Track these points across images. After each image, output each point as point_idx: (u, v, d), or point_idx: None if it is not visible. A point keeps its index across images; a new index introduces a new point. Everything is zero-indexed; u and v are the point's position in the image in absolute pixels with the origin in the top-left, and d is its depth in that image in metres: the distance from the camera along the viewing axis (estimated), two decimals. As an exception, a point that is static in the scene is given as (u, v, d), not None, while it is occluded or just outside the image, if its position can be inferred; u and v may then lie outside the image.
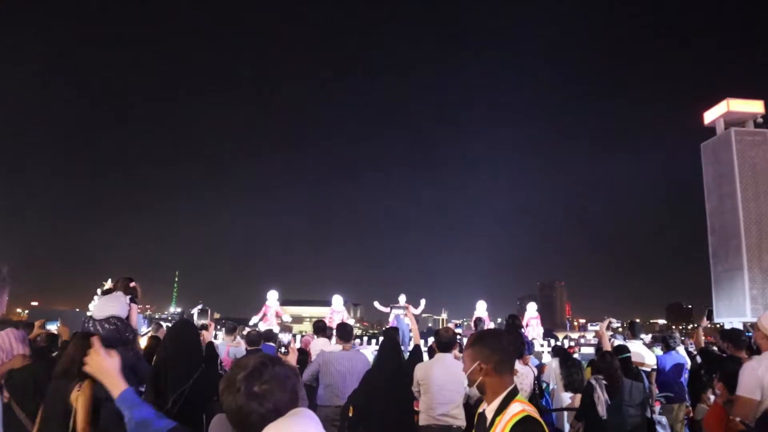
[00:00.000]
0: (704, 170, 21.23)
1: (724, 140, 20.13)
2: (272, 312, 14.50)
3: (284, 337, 4.45)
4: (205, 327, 4.51)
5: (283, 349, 4.04)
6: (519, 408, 2.36)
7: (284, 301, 15.87)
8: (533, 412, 2.37)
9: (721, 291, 19.88)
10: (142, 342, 5.80)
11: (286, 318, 15.82)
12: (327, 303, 15.28)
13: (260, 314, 14.53)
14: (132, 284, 5.04)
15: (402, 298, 14.74)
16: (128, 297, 4.79)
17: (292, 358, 3.93)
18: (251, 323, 14.13)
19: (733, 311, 18.53)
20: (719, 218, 20.33)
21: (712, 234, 20.82)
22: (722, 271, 20.09)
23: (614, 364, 5.62)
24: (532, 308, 16.27)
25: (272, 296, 14.63)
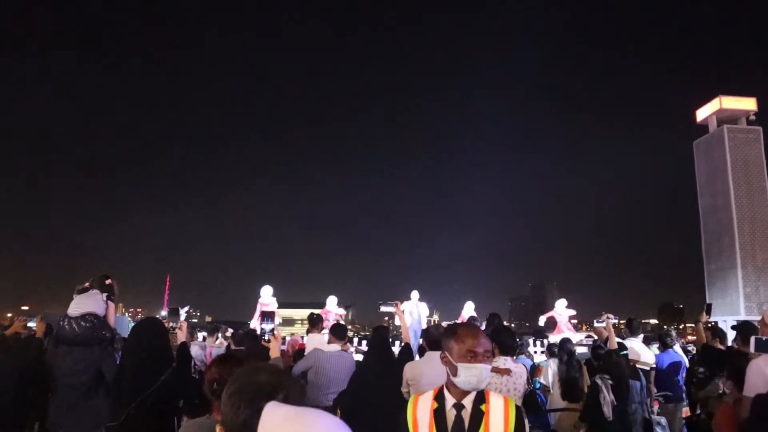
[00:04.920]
0: (697, 168, 21.17)
1: (716, 138, 20.06)
2: (269, 310, 13.38)
3: (267, 326, 4.21)
4: (176, 328, 4.25)
5: (266, 337, 3.80)
6: (499, 395, 2.46)
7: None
8: None
9: (714, 289, 19.83)
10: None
11: (278, 320, 15.22)
12: (319, 305, 14.55)
13: (257, 314, 13.52)
14: (108, 281, 4.78)
15: (414, 294, 13.55)
16: (105, 294, 4.57)
17: (275, 347, 3.69)
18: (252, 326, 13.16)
19: (726, 309, 18.46)
20: (712, 216, 20.28)
21: (705, 232, 20.77)
22: (715, 269, 20.04)
23: (621, 363, 5.44)
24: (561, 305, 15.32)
25: (266, 292, 13.75)
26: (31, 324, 6.51)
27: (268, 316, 4.05)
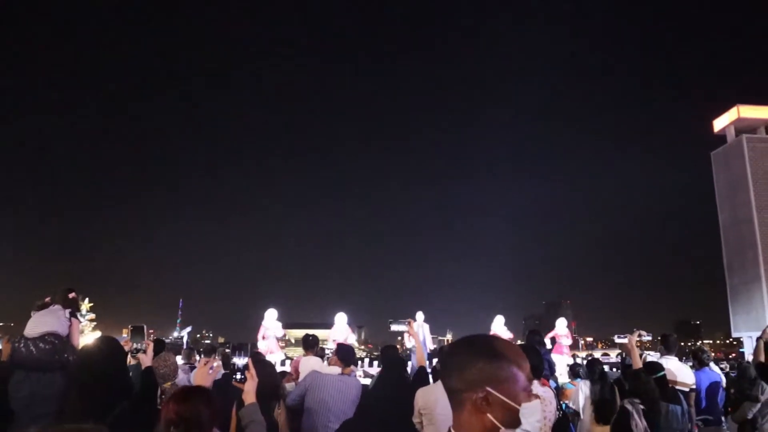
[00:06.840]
0: (715, 179, 20.60)
1: (735, 148, 19.49)
2: (271, 333, 12.94)
3: (239, 360, 3.47)
4: (140, 350, 3.56)
5: (238, 375, 3.03)
6: None
7: (286, 324, 14.56)
8: None
9: (737, 304, 19.11)
10: None
11: (279, 336, 14.62)
12: (330, 325, 14.18)
13: (259, 337, 12.98)
14: (71, 295, 4.20)
15: (419, 316, 13.56)
16: (68, 311, 3.98)
17: (249, 389, 2.93)
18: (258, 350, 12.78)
19: (752, 324, 17.68)
20: (734, 229, 19.62)
21: (727, 245, 20.10)
22: (738, 283, 19.34)
23: (651, 385, 4.89)
24: (561, 324, 14.21)
25: (270, 315, 13.11)
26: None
27: (239, 348, 3.28)
